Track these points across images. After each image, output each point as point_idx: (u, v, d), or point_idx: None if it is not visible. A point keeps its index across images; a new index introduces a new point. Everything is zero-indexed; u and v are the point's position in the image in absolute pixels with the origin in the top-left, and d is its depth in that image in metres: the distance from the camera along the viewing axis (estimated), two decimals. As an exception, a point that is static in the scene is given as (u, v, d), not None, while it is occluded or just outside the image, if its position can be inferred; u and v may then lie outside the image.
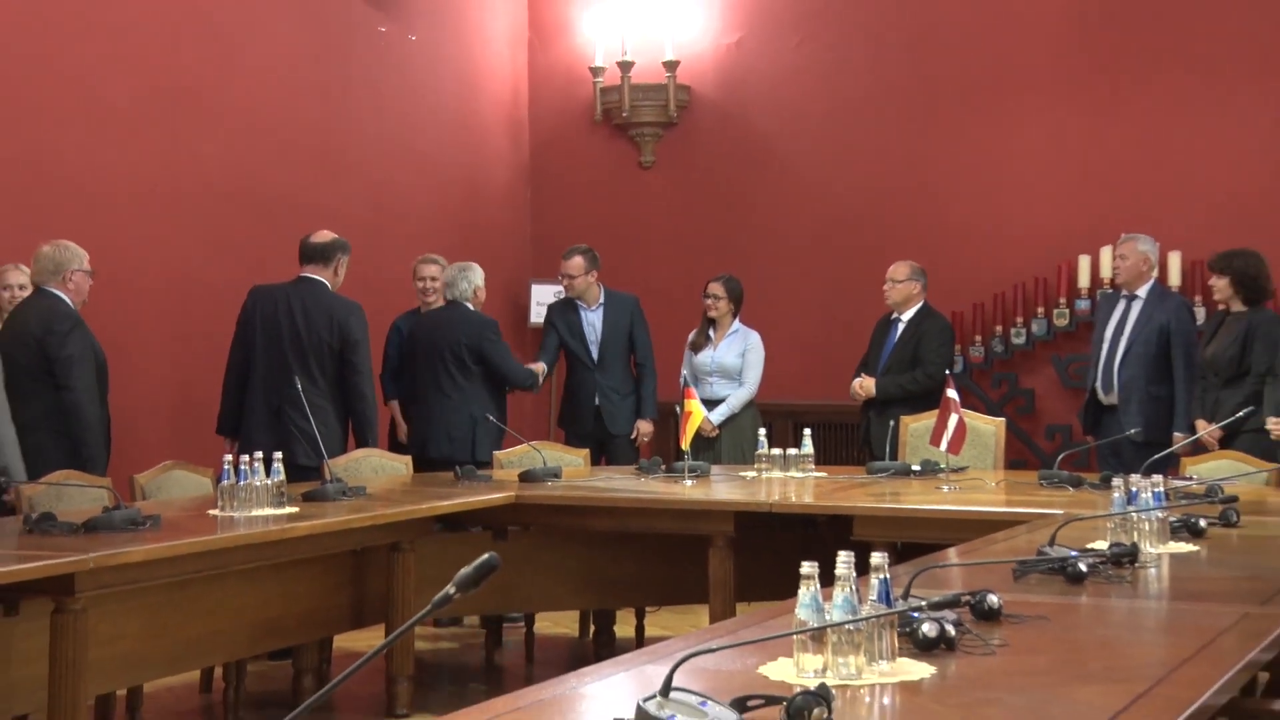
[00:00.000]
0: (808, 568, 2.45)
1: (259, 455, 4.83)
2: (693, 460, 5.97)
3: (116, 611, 4.46)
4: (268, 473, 4.81)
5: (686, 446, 5.94)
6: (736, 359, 7.17)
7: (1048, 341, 7.97)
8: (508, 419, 6.92)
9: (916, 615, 2.64)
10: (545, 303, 7.89)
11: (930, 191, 8.26)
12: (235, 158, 7.29)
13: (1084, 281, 7.80)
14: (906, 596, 2.75)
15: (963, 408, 5.75)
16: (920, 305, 7.08)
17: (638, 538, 5.81)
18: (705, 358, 7.22)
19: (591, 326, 7.26)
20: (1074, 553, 3.42)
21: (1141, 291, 6.78)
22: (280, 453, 4.94)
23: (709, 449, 6.95)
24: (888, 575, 2.53)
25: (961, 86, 8.22)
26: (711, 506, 5.42)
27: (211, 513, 4.80)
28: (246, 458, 4.80)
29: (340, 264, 6.33)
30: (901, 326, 7.07)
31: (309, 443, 5.74)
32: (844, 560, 2.45)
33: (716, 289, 7.23)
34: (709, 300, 7.24)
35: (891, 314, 7.14)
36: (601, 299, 7.28)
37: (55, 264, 5.62)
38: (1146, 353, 6.66)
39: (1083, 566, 3.34)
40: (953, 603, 2.75)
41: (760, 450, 6.07)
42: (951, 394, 5.64)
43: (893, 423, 6.55)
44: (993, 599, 2.89)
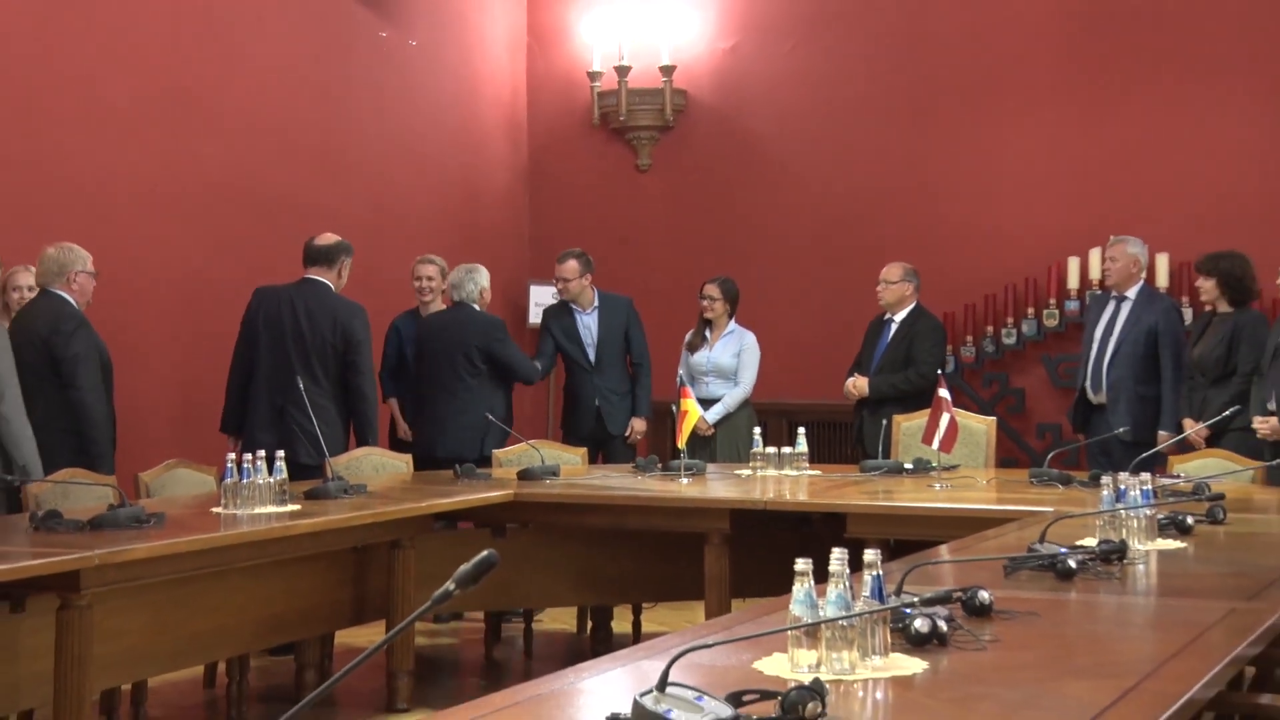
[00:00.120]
0: (802, 564, 2.45)
1: (261, 454, 4.83)
2: (689, 459, 5.98)
3: (121, 608, 4.45)
4: (270, 471, 4.82)
5: (683, 445, 5.95)
6: (732, 359, 7.18)
7: (1038, 341, 7.97)
8: (517, 418, 6.94)
9: (909, 611, 2.64)
10: (543, 304, 7.89)
11: (922, 194, 8.26)
12: (237, 159, 7.28)
13: (1073, 282, 7.81)
14: (899, 593, 2.75)
15: (954, 407, 5.76)
16: (913, 306, 7.09)
17: (635, 535, 5.81)
18: (701, 358, 7.22)
19: (587, 329, 7.25)
20: (1063, 549, 3.43)
21: (1131, 293, 6.79)
22: (283, 451, 4.94)
23: (705, 448, 6.96)
24: (881, 572, 2.53)
25: (953, 91, 8.23)
26: (707, 504, 5.42)
27: (215, 510, 4.80)
28: (249, 456, 4.80)
29: (344, 266, 6.35)
30: (894, 327, 7.07)
31: (311, 442, 5.74)
32: (837, 557, 2.45)
33: (712, 290, 7.23)
34: (705, 301, 7.24)
35: (884, 315, 7.15)
36: (596, 302, 7.28)
37: (59, 265, 5.63)
38: (1135, 353, 6.67)
39: (1072, 563, 3.34)
40: (944, 599, 2.75)
41: (755, 449, 6.07)
42: (943, 393, 5.65)
43: (885, 422, 6.56)
44: (984, 595, 2.89)
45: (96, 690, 4.49)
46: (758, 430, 6.31)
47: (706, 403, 6.99)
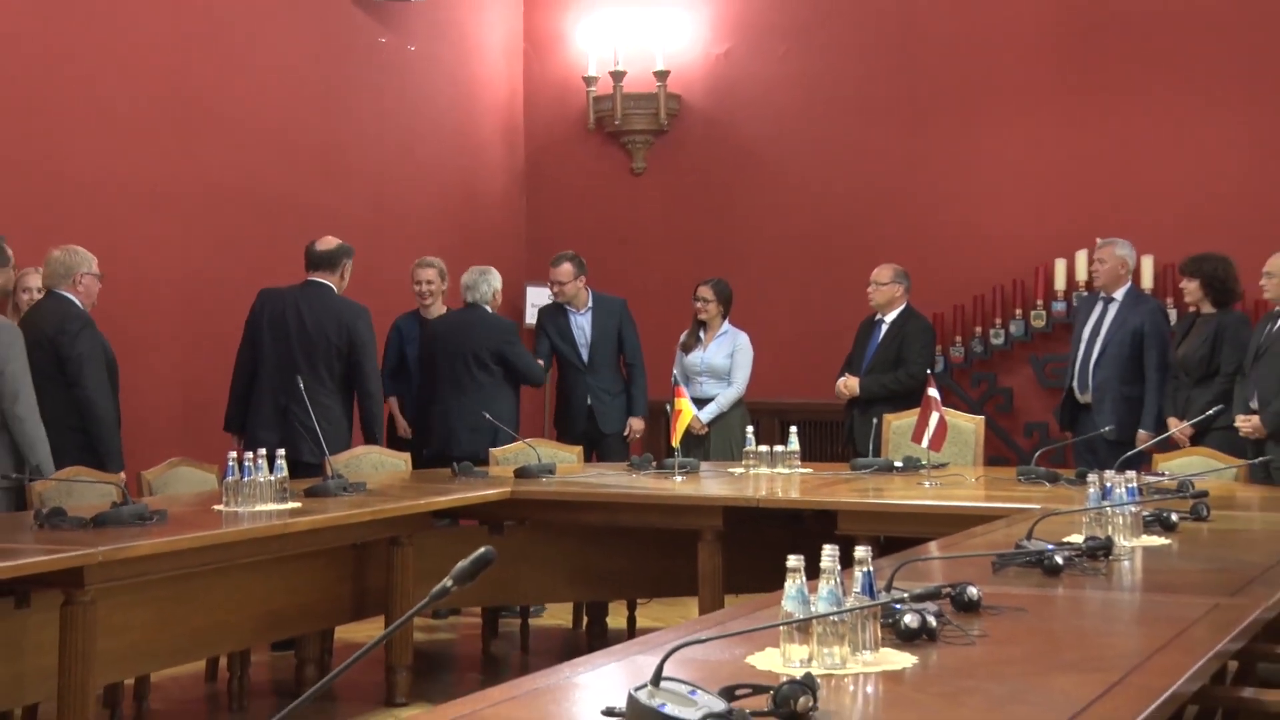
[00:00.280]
0: (794, 561, 2.46)
1: (263, 452, 4.83)
2: (683, 457, 5.97)
3: (124, 603, 4.45)
4: (271, 469, 4.82)
5: (677, 444, 5.95)
6: (725, 359, 7.18)
7: (1025, 342, 7.98)
8: (520, 418, 6.94)
9: (899, 607, 2.64)
10: (539, 304, 7.89)
11: (912, 197, 8.26)
12: (239, 162, 7.28)
13: (1060, 284, 7.81)
14: (889, 589, 2.75)
15: (943, 406, 5.76)
16: (903, 307, 7.09)
17: (630, 532, 5.81)
18: (695, 358, 7.22)
19: (580, 330, 7.25)
20: (1050, 546, 3.43)
21: (1118, 294, 6.80)
22: (286, 449, 4.97)
23: (699, 446, 6.96)
24: (871, 568, 2.54)
25: (942, 97, 8.23)
26: (701, 502, 5.42)
27: (216, 508, 4.80)
28: (250, 455, 4.80)
29: (345, 269, 6.37)
30: (885, 328, 7.08)
31: (313, 440, 5.74)
32: (829, 554, 2.46)
33: (706, 292, 7.24)
34: (699, 303, 7.24)
35: (875, 315, 7.15)
36: (590, 303, 7.28)
37: (66, 267, 5.65)
38: (1120, 354, 6.67)
39: (1059, 559, 3.35)
40: (934, 595, 2.76)
41: (748, 447, 6.07)
42: (933, 393, 5.65)
43: (876, 420, 6.56)
44: (972, 591, 2.90)
45: (100, 685, 4.50)
46: (750, 429, 6.32)
47: (700, 402, 7.00)
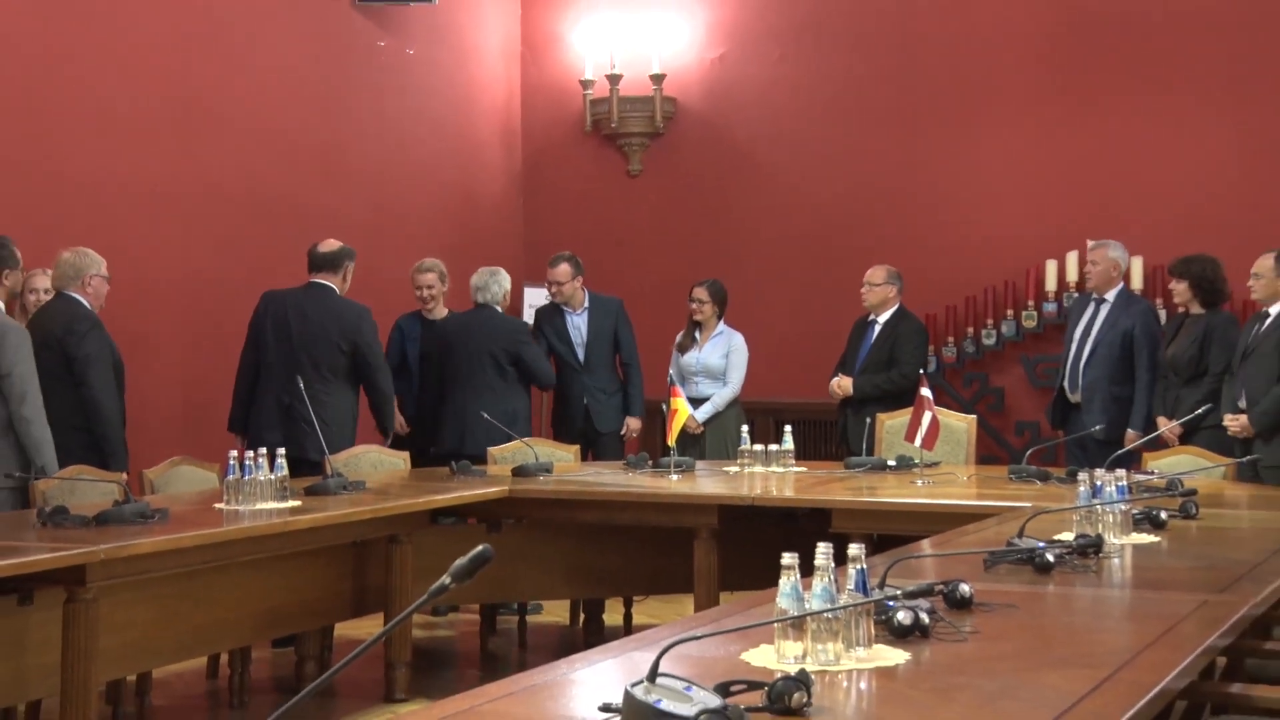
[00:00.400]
0: (788, 558, 2.46)
1: (263, 451, 4.84)
2: (678, 456, 5.98)
3: (126, 601, 4.45)
4: (271, 468, 4.81)
5: (673, 443, 5.96)
6: (721, 360, 7.18)
7: (1017, 342, 7.98)
8: (530, 417, 6.94)
9: (892, 604, 2.64)
10: (537, 305, 7.89)
11: (905, 199, 8.27)
12: (240, 164, 7.29)
13: (1051, 285, 7.82)
14: (882, 586, 2.75)
15: (936, 405, 5.77)
16: (896, 308, 7.09)
17: (626, 530, 5.80)
18: (691, 358, 7.22)
19: (577, 330, 7.25)
20: (1041, 544, 3.43)
21: (1110, 296, 6.80)
22: (290, 449, 5.01)
23: (694, 445, 6.95)
24: (864, 566, 2.54)
25: (935, 101, 8.24)
26: (696, 500, 5.42)
27: (217, 506, 4.80)
28: (251, 454, 4.80)
29: (348, 271, 6.40)
30: (878, 328, 7.08)
31: (317, 438, 5.75)
32: (823, 551, 2.46)
33: (701, 293, 7.23)
34: (694, 304, 7.24)
35: (868, 316, 7.15)
36: (586, 303, 7.28)
37: (75, 269, 5.67)
38: (1110, 355, 6.68)
39: (1050, 557, 3.35)
40: (926, 592, 2.76)
41: (743, 446, 6.06)
42: (925, 392, 5.66)
43: (869, 420, 6.56)
44: (964, 588, 2.90)
45: (102, 681, 4.49)
46: (745, 428, 6.31)
47: (696, 402, 7.00)
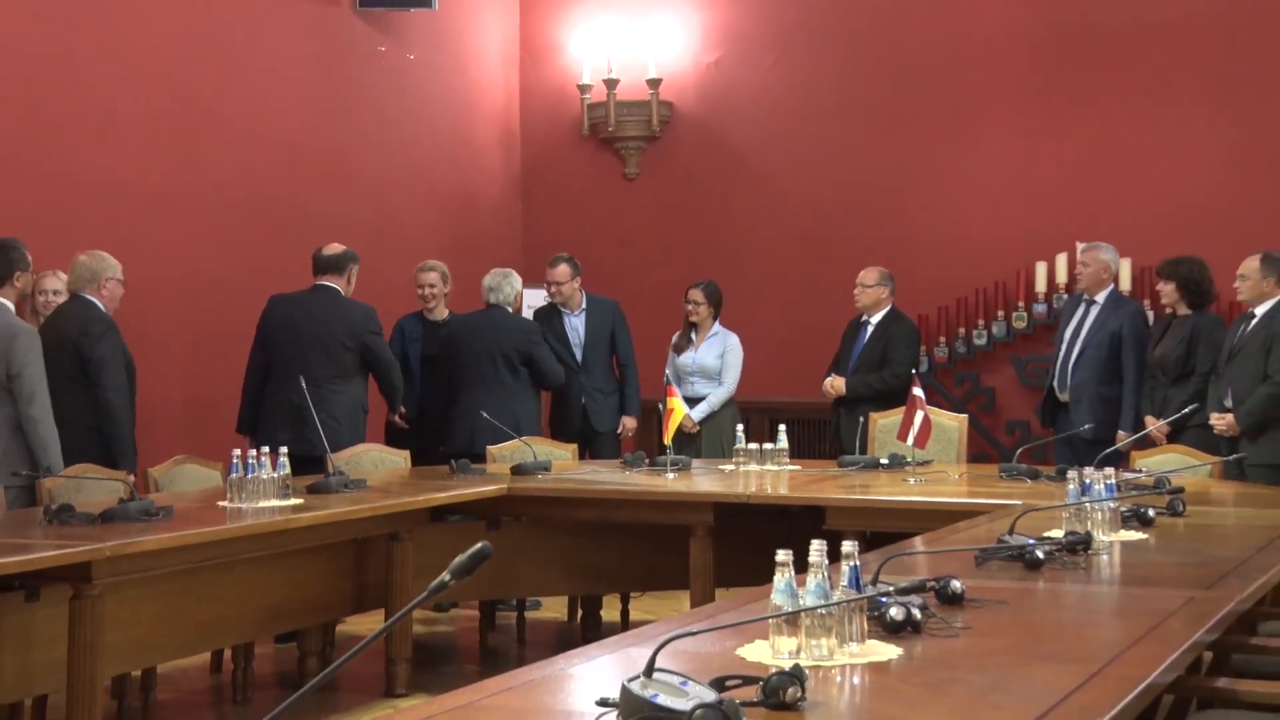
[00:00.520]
0: (782, 555, 2.46)
1: (266, 450, 4.84)
2: (675, 454, 5.97)
3: (131, 597, 4.45)
4: (274, 467, 4.81)
5: (669, 441, 5.96)
6: (716, 360, 7.18)
7: (1007, 343, 7.98)
8: (540, 417, 6.93)
9: (885, 600, 2.64)
10: (535, 306, 7.88)
11: (897, 201, 8.27)
12: (243, 167, 7.29)
13: (1041, 286, 7.82)
14: (875, 582, 2.75)
15: (928, 405, 5.77)
16: (888, 309, 7.09)
17: (623, 527, 5.80)
18: (687, 359, 7.22)
19: (575, 330, 7.25)
20: (1031, 541, 3.43)
21: (1099, 297, 6.81)
22: (303, 446, 5.17)
23: (690, 444, 6.95)
24: (858, 562, 2.54)
25: (926, 104, 8.24)
26: (692, 498, 5.42)
27: (221, 504, 4.80)
28: (254, 452, 4.80)
29: (352, 273, 6.44)
30: (870, 329, 7.08)
31: (326, 435, 5.79)
32: (816, 548, 2.46)
33: (696, 294, 7.23)
34: (690, 305, 7.24)
35: (861, 317, 7.15)
36: (584, 304, 7.28)
37: (91, 272, 5.68)
38: (1098, 356, 6.68)
39: (1040, 554, 3.35)
40: (918, 588, 2.76)
41: (738, 445, 6.06)
42: (918, 392, 5.67)
43: (862, 419, 6.56)
44: (956, 584, 2.90)
45: (108, 676, 4.49)
46: (741, 427, 6.30)
47: (692, 401, 7.00)
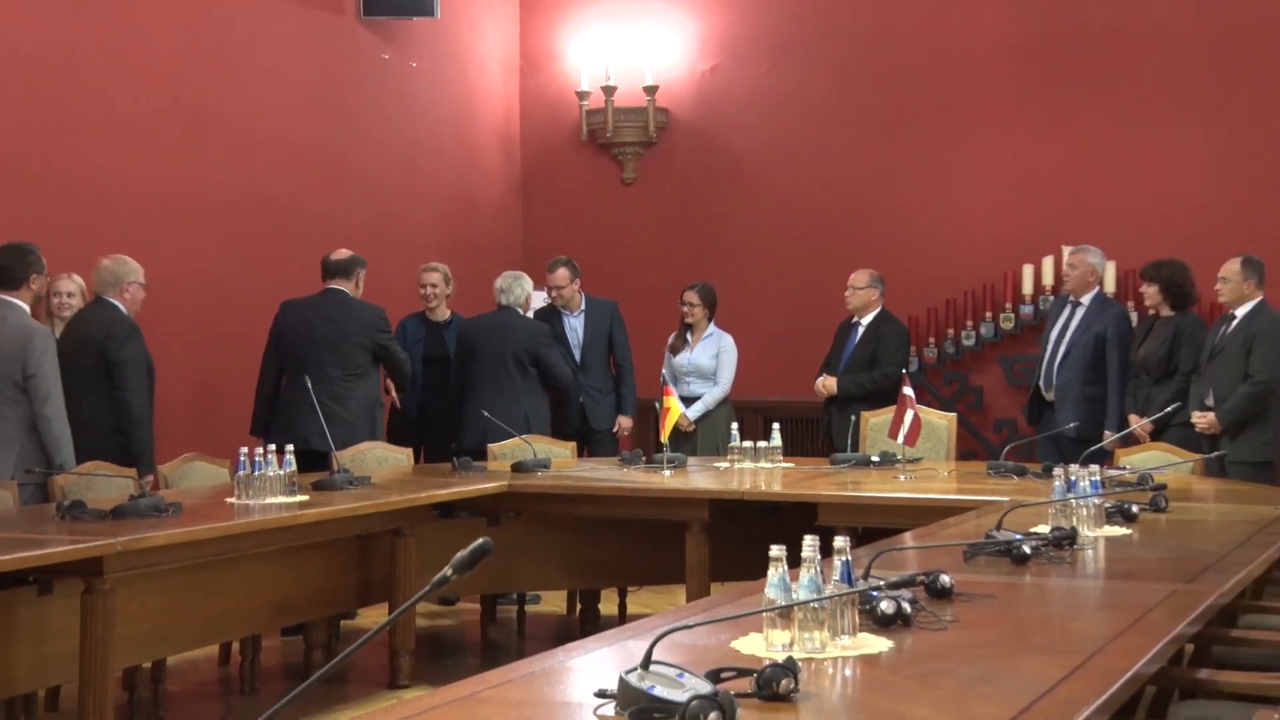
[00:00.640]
0: (776, 550, 2.46)
1: (272, 447, 4.85)
2: (671, 452, 5.97)
3: (142, 591, 4.45)
4: (281, 464, 4.82)
5: (665, 440, 5.97)
6: (711, 360, 7.18)
7: (995, 343, 7.99)
8: (558, 417, 6.94)
9: (876, 594, 2.65)
10: (535, 307, 7.88)
11: (888, 205, 8.28)
12: (249, 172, 7.28)
13: (1028, 288, 7.83)
14: (866, 577, 2.76)
15: (918, 404, 5.78)
16: (879, 310, 7.10)
17: (621, 523, 5.81)
18: (683, 359, 7.22)
19: (574, 331, 7.25)
20: (1019, 536, 3.44)
21: (1085, 299, 6.81)
22: (322, 443, 5.60)
23: (686, 442, 6.95)
24: (849, 557, 2.55)
25: (916, 111, 8.24)
26: (688, 495, 5.42)
27: (229, 500, 4.80)
28: (261, 450, 4.81)
29: (359, 277, 6.49)
30: (861, 330, 7.08)
31: (344, 431, 5.91)
32: (809, 544, 2.46)
33: (692, 296, 7.24)
34: (685, 306, 7.24)
35: (852, 318, 7.15)
36: (583, 305, 7.28)
37: (114, 276, 5.70)
38: (1083, 357, 6.69)
39: (1027, 549, 3.36)
40: (909, 582, 2.77)
41: (733, 443, 6.07)
42: (908, 391, 5.68)
43: (854, 417, 6.57)
44: (945, 579, 2.91)
45: (119, 668, 4.49)
46: (735, 426, 6.31)
47: (688, 401, 7.00)
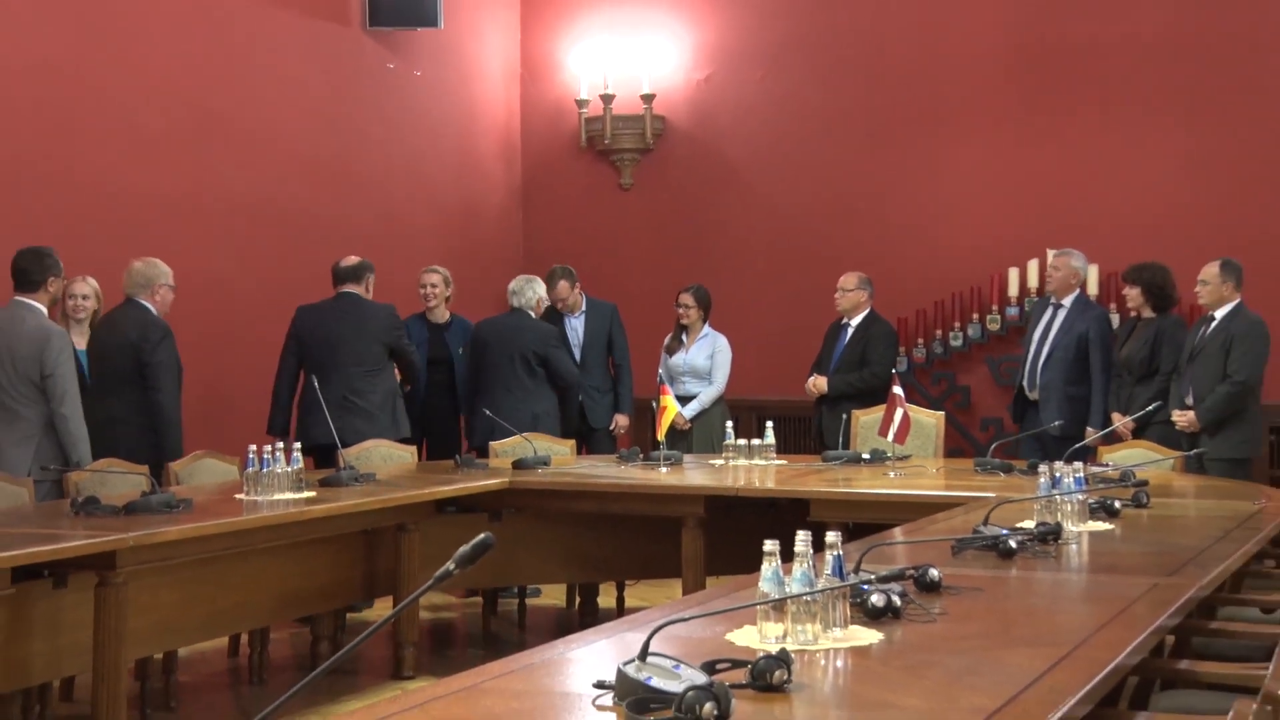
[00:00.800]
0: (769, 545, 2.46)
1: (280, 445, 4.85)
2: (667, 450, 5.98)
3: (153, 584, 4.45)
4: (288, 461, 4.82)
5: (662, 438, 5.97)
6: (706, 360, 7.18)
7: (982, 344, 7.99)
8: (560, 416, 6.94)
9: (866, 587, 2.65)
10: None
11: (877, 210, 8.27)
12: (259, 179, 7.28)
13: (1013, 290, 7.83)
14: (857, 571, 2.76)
15: (907, 403, 5.78)
16: (867, 311, 7.10)
17: (619, 519, 5.80)
18: (678, 359, 7.22)
19: (574, 332, 7.25)
20: (1005, 531, 3.44)
21: (1066, 301, 6.81)
22: (354, 437, 5.89)
23: (682, 440, 6.95)
24: (841, 552, 2.55)
25: (905, 118, 8.24)
26: (684, 491, 5.42)
27: (238, 497, 4.80)
28: (269, 448, 4.81)
29: (369, 281, 6.57)
30: (850, 330, 7.08)
31: (365, 420, 6.09)
32: (802, 539, 2.46)
33: (687, 298, 7.24)
34: (681, 308, 7.24)
35: (842, 319, 7.16)
36: (584, 307, 7.29)
37: (145, 278, 5.72)
38: (1065, 358, 6.69)
39: (1013, 543, 3.36)
40: (898, 576, 2.77)
41: (727, 441, 6.06)
42: (897, 390, 5.67)
43: (845, 415, 6.57)
44: (934, 573, 2.91)
45: (131, 659, 4.49)
46: (730, 424, 6.31)
47: (684, 400, 7.00)
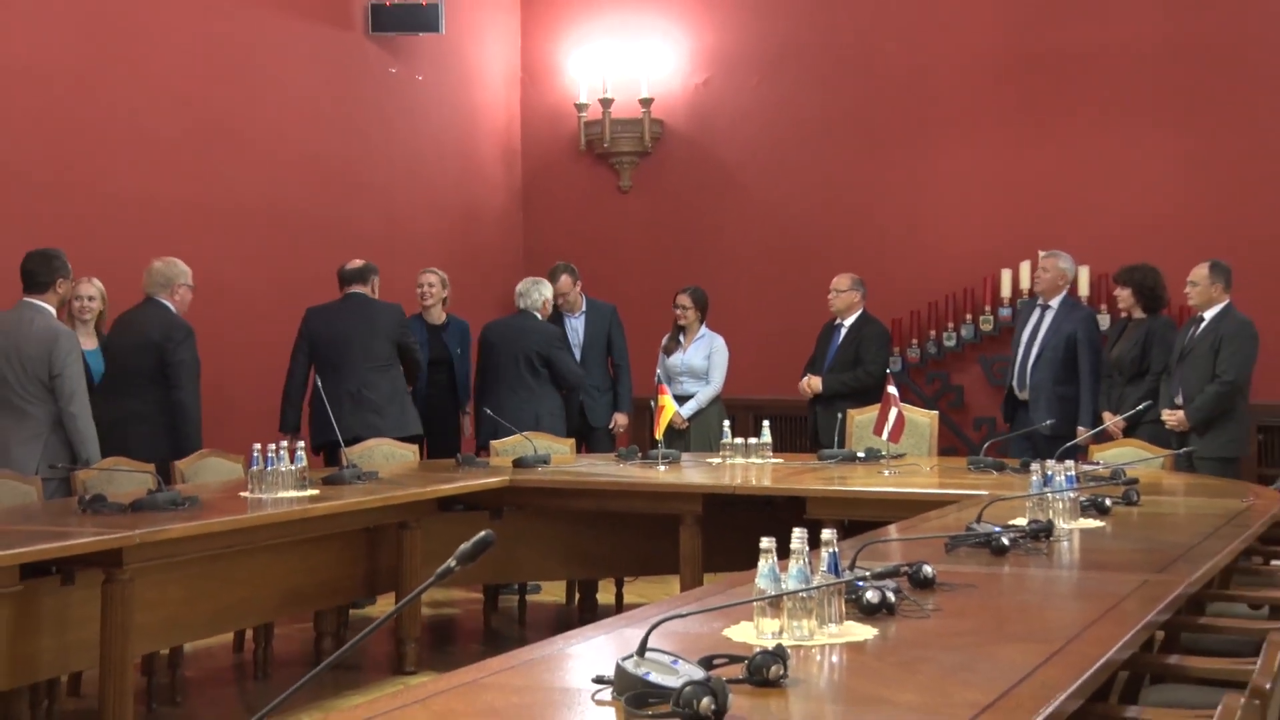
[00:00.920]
0: (766, 543, 2.46)
1: (284, 444, 4.84)
2: (665, 449, 5.98)
3: (159, 581, 4.45)
4: (292, 460, 4.81)
5: (660, 437, 5.97)
6: (703, 360, 7.18)
7: (975, 344, 7.99)
8: (564, 415, 6.96)
9: (861, 584, 2.65)
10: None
11: (871, 212, 8.28)
12: (264, 183, 7.29)
13: (1006, 291, 7.83)
14: (853, 567, 2.76)
15: (901, 402, 5.78)
16: (860, 312, 7.10)
17: (617, 516, 5.80)
18: (676, 359, 7.22)
19: (575, 331, 7.25)
20: (998, 529, 3.44)
21: (1054, 302, 6.81)
22: (370, 432, 6.02)
23: (680, 439, 6.95)
24: (836, 549, 2.54)
25: (899, 121, 8.24)
26: (682, 489, 5.42)
27: (243, 495, 4.80)
28: (274, 446, 4.80)
29: (374, 283, 6.62)
30: (844, 331, 7.08)
31: (376, 414, 6.16)
32: (798, 536, 2.46)
33: (684, 299, 7.23)
34: (678, 309, 7.24)
35: (835, 320, 7.15)
36: (584, 307, 7.29)
37: (165, 278, 5.73)
38: (1054, 358, 6.69)
39: (1005, 541, 3.36)
40: (893, 573, 2.76)
41: (724, 440, 6.07)
42: (892, 390, 5.68)
43: (840, 415, 6.57)
44: (928, 569, 2.91)
45: (138, 654, 4.48)
46: (727, 423, 6.31)
47: (681, 399, 7.00)
